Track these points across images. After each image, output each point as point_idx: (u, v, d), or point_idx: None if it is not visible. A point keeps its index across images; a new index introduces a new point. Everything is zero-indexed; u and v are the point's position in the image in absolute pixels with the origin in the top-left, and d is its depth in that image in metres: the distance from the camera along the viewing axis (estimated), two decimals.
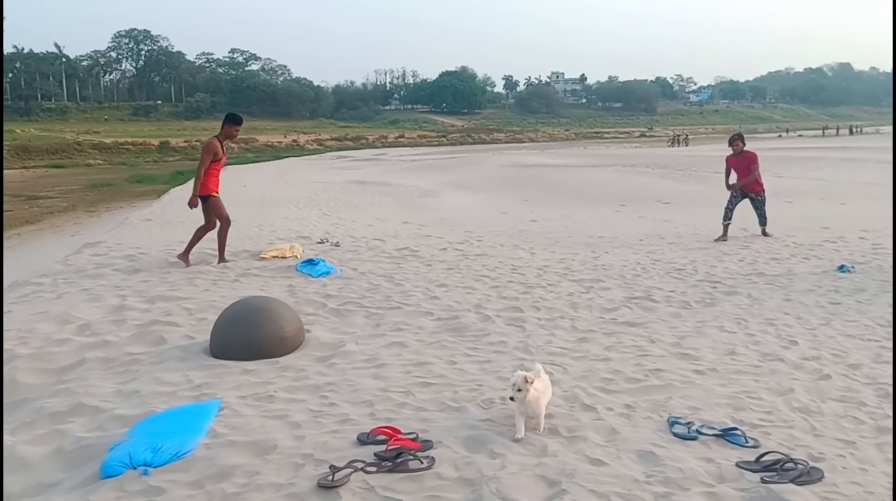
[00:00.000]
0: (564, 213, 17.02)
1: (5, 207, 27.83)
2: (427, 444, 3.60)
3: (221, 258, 9.14)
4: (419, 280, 8.04)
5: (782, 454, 3.48)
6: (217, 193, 9.17)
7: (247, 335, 5.24)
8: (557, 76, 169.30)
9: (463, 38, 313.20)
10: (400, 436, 3.65)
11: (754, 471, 3.34)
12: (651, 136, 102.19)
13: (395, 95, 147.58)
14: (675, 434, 3.78)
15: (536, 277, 8.31)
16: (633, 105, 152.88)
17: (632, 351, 5.37)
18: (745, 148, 11.68)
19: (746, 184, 11.48)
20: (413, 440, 3.63)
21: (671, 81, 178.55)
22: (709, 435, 3.76)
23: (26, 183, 39.62)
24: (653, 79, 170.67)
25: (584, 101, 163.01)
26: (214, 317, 5.77)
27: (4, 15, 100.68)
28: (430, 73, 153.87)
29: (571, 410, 4.14)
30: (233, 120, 9.18)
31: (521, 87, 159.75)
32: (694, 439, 3.73)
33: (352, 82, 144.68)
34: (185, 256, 9.08)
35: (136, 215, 16.05)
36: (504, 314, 6.51)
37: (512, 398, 3.68)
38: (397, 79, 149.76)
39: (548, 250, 10.35)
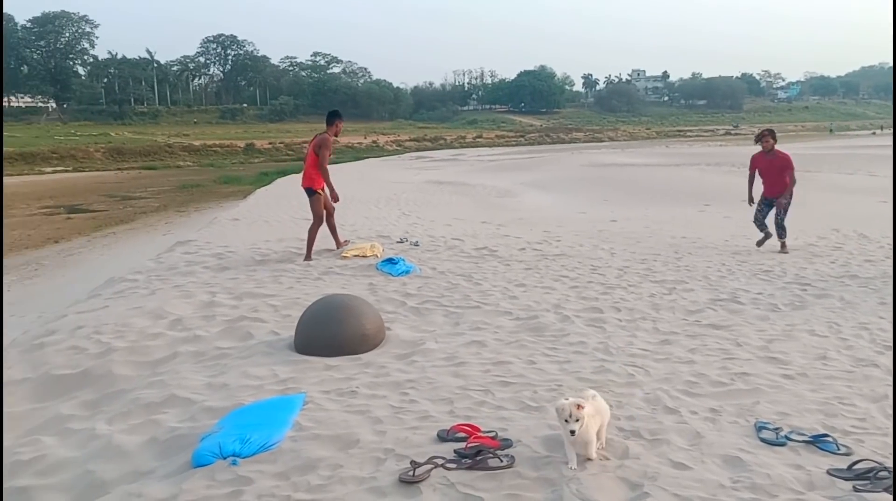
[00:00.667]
0: (645, 213, 16.72)
1: (103, 206, 29.19)
2: (506, 443, 3.61)
3: (308, 256, 9.42)
4: (498, 280, 8.05)
5: (876, 462, 3.35)
6: (323, 190, 9.62)
7: (329, 332, 5.36)
8: (638, 74, 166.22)
9: (542, 37, 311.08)
10: (479, 434, 3.67)
11: (846, 479, 3.22)
12: (737, 134, 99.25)
13: (474, 96, 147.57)
14: (763, 440, 3.68)
15: (617, 277, 8.20)
16: (718, 102, 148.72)
17: (717, 354, 5.25)
18: (778, 147, 10.07)
19: (772, 192, 10.01)
20: (492, 438, 3.65)
21: (758, 77, 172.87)
22: (798, 442, 3.65)
23: (121, 184, 41.48)
24: (738, 75, 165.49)
25: (666, 98, 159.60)
26: (298, 314, 5.92)
27: (97, 22, 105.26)
28: (509, 72, 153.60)
29: (654, 413, 4.07)
30: (340, 116, 9.71)
31: (601, 85, 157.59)
32: (782, 445, 3.62)
33: (430, 83, 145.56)
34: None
35: (224, 215, 16.57)
36: (583, 315, 6.45)
37: (573, 432, 3.26)
38: (475, 79, 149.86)
39: (628, 251, 10.20)
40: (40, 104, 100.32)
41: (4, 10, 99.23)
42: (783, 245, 10.00)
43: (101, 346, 5.68)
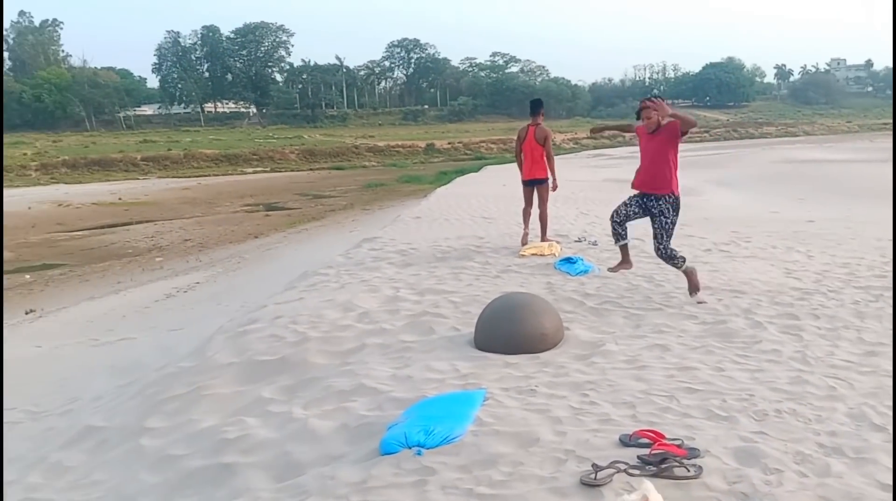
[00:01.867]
0: (847, 212, 15.45)
1: (297, 205, 31.17)
2: (693, 452, 3.47)
3: (544, 239, 10.30)
4: (681, 282, 7.72)
5: None
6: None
7: (509, 330, 5.40)
8: (838, 63, 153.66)
9: (730, 27, 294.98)
10: (664, 441, 3.55)
11: None
12: None
13: (655, 91, 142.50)
14: None
15: (815, 282, 7.63)
16: None
17: None
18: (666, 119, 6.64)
19: (645, 182, 6.89)
20: (678, 446, 3.51)
21: None
22: None
23: (312, 183, 44.13)
24: None
25: (869, 89, 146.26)
26: (478, 310, 6.01)
27: (293, 31, 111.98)
28: (693, 65, 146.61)
29: (858, 429, 3.75)
30: (543, 104, 10.48)
31: (796, 76, 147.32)
32: None
33: (609, 79, 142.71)
34: (545, 240, 10.27)
35: (407, 213, 17.15)
36: (777, 321, 6.06)
37: None
38: (657, 73, 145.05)
39: (827, 254, 9.46)
40: (242, 109, 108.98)
41: (212, 23, 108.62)
42: (691, 284, 6.90)
43: (297, 335, 6.08)
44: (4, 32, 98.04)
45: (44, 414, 6.60)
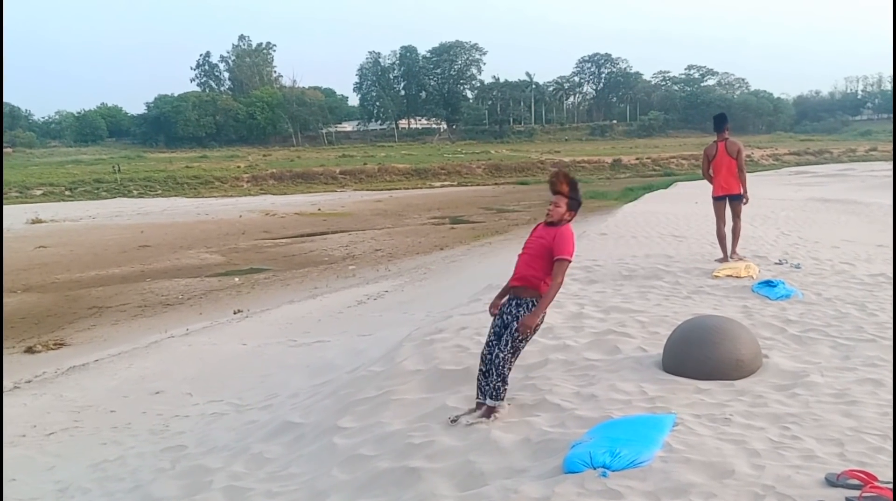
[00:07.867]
0: None
1: (481, 218, 31.74)
2: None
3: (734, 253, 10.15)
4: None
5: None
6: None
7: (701, 354, 5.14)
8: None
9: None
10: (877, 484, 3.23)
11: None
12: None
13: (868, 104, 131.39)
14: None
15: None
16: None
17: None
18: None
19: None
20: (892, 489, 3.19)
21: None
22: None
23: (497, 197, 44.74)
24: None
25: None
26: (666, 332, 5.80)
27: (486, 49, 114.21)
28: None
29: None
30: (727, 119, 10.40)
31: None
32: None
33: (817, 92, 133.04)
34: (734, 254, 10.16)
35: (592, 230, 16.91)
36: None
37: None
38: (871, 86, 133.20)
39: None
40: (433, 126, 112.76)
41: (409, 43, 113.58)
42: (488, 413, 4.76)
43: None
44: (226, 54, 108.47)
45: (247, 408, 7.16)
